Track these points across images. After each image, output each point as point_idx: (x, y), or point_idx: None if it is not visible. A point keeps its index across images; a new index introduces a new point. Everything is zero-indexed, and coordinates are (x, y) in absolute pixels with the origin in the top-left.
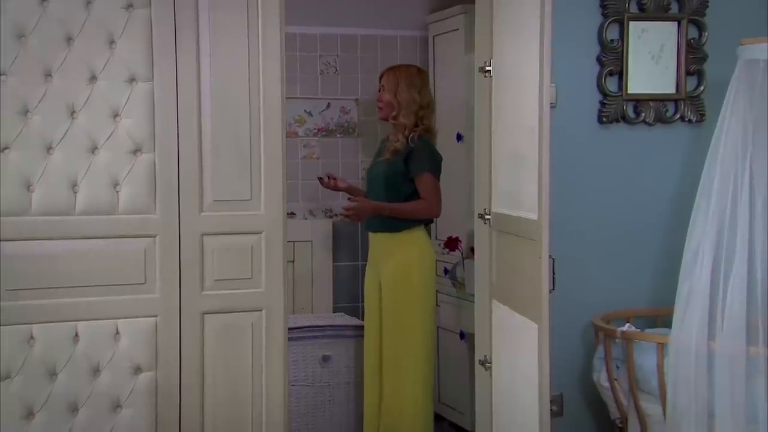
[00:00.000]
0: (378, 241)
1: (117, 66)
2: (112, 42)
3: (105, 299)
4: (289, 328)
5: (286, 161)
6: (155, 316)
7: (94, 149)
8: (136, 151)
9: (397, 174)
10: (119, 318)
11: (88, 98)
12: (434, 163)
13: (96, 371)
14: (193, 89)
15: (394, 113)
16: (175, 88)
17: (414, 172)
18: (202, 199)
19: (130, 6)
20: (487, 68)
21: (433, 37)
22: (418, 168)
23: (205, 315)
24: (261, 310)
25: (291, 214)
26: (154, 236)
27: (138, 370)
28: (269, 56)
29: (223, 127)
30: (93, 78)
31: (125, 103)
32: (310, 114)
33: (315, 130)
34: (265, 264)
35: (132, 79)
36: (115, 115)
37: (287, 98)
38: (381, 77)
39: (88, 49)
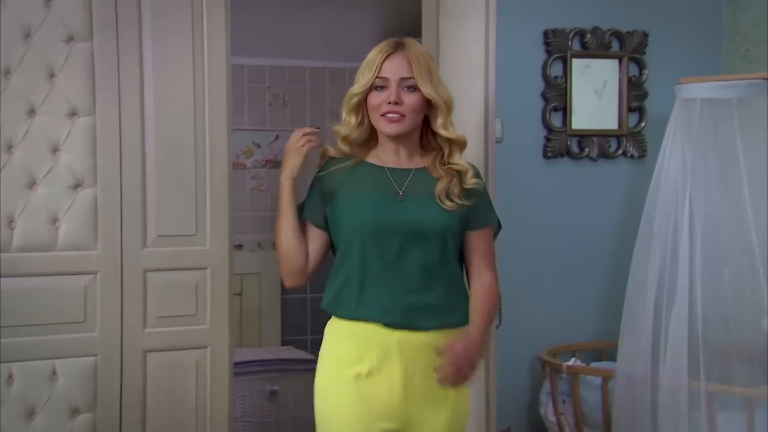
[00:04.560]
0: (418, 344)
1: (57, 100)
2: (52, 75)
3: (42, 339)
4: (236, 363)
5: (234, 193)
6: (95, 355)
7: (32, 185)
8: (77, 186)
9: (457, 229)
10: (57, 358)
11: (26, 132)
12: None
13: (31, 413)
14: (137, 122)
15: (411, 125)
16: (117, 121)
17: (483, 223)
18: (145, 234)
19: (71, 39)
20: None
21: None
22: (490, 218)
23: (147, 353)
24: (206, 348)
25: (238, 246)
26: (95, 273)
27: (76, 411)
28: (215, 87)
29: (168, 159)
30: (32, 112)
31: (66, 138)
32: (258, 145)
33: (263, 162)
34: (210, 300)
35: (73, 113)
36: (55, 150)
37: (235, 130)
38: (382, 63)
39: (26, 82)
